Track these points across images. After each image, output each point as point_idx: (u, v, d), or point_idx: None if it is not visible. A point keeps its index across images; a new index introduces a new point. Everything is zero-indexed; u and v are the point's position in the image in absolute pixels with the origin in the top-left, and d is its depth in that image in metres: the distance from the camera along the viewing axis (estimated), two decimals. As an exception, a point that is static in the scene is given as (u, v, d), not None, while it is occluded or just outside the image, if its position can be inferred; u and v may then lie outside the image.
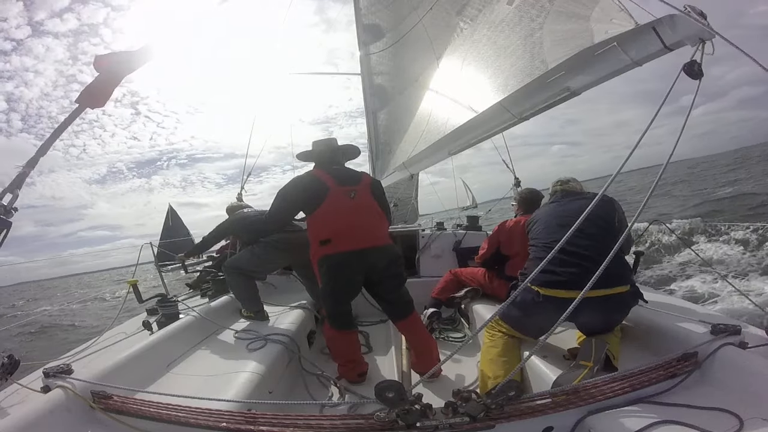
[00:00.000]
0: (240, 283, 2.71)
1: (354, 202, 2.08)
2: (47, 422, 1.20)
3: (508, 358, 1.70)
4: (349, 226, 2.02)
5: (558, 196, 2.04)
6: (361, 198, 2.12)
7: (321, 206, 2.04)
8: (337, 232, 2.01)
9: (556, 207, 1.95)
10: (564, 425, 1.11)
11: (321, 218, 2.05)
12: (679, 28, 1.22)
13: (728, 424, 1.00)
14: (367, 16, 4.64)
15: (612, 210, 1.76)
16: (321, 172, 2.16)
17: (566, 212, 1.81)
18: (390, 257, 2.13)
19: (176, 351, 2.04)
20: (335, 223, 2.02)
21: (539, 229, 1.88)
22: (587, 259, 1.53)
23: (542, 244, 1.79)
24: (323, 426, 1.11)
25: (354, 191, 2.11)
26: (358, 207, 2.09)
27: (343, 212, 2.04)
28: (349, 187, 2.11)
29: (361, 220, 2.07)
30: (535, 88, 1.84)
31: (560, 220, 1.79)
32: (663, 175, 1.16)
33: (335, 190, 2.06)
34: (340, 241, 2.00)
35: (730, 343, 1.24)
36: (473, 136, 2.54)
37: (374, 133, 4.78)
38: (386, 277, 2.13)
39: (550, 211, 1.94)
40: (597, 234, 1.60)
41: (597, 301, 1.45)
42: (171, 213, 16.58)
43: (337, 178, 2.11)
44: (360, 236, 2.02)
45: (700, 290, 5.60)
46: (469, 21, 2.67)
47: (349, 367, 2.13)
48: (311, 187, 2.09)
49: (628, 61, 1.44)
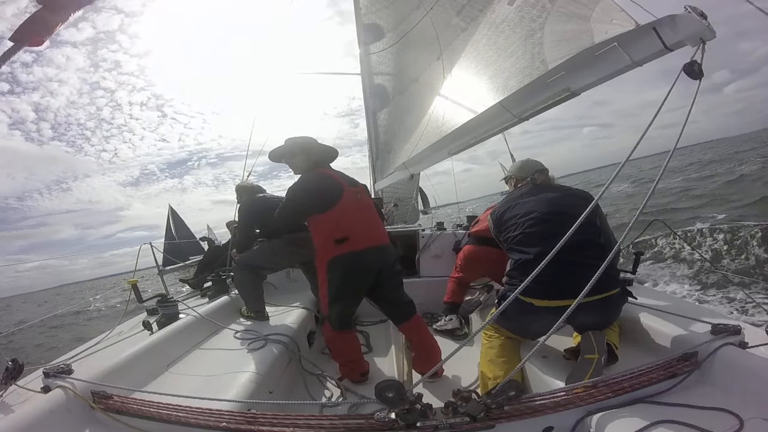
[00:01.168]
0: (250, 281, 2.68)
1: (360, 202, 2.15)
2: (47, 422, 1.21)
3: (508, 359, 1.70)
4: (362, 224, 2.08)
5: (528, 187, 1.93)
6: (364, 199, 2.19)
7: (336, 205, 2.04)
8: (354, 230, 2.03)
9: (534, 203, 1.79)
10: (564, 425, 1.11)
11: (336, 218, 2.04)
12: (680, 28, 1.22)
13: (728, 424, 1.00)
14: (367, 16, 4.64)
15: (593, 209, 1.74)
16: (333, 172, 2.20)
17: (550, 210, 1.72)
18: (394, 256, 2.20)
19: (176, 351, 2.04)
20: (351, 222, 2.04)
21: (520, 231, 1.74)
22: (579, 264, 1.49)
23: (528, 251, 1.67)
24: (323, 426, 1.11)
25: (358, 192, 2.18)
26: (364, 207, 2.15)
27: (356, 212, 2.10)
28: (354, 188, 2.18)
29: (369, 220, 2.14)
30: (535, 88, 1.84)
31: (543, 224, 1.68)
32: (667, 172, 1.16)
33: (348, 191, 2.11)
34: (356, 239, 2.02)
35: (730, 343, 1.24)
36: (473, 136, 2.54)
37: (374, 133, 4.79)
38: (390, 275, 2.14)
39: (528, 208, 1.79)
40: (585, 236, 1.54)
41: (591, 305, 1.45)
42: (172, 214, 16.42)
43: (345, 180, 2.17)
44: (372, 234, 2.09)
45: (701, 290, 5.60)
46: (470, 21, 2.67)
47: (350, 367, 2.14)
48: (327, 187, 2.09)
49: (629, 62, 1.44)
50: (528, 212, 1.76)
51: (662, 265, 6.92)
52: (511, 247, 1.77)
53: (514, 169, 2.21)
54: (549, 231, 1.61)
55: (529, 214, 1.75)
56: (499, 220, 1.87)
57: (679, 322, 1.52)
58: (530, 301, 1.57)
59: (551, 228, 1.61)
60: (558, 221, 1.61)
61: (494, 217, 1.92)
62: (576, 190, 1.91)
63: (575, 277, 1.34)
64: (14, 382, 1.34)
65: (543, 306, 1.55)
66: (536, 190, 1.90)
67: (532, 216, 1.73)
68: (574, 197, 1.83)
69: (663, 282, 6.28)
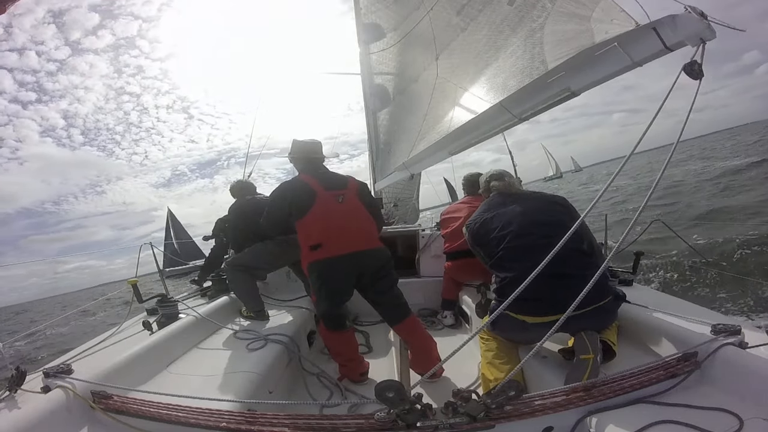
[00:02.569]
0: (243, 282, 2.70)
1: (342, 206, 2.11)
2: (47, 422, 1.21)
3: (507, 360, 1.69)
4: (338, 230, 2.04)
5: (498, 197, 1.84)
6: (349, 202, 2.14)
7: (310, 211, 2.05)
8: (327, 236, 2.02)
9: (510, 215, 1.72)
10: (564, 425, 1.11)
11: (310, 223, 2.06)
12: (680, 28, 1.22)
13: (728, 424, 1.00)
14: (367, 15, 4.63)
15: (570, 215, 1.69)
16: (308, 177, 2.19)
17: (531, 221, 1.66)
18: (381, 260, 2.13)
19: (176, 351, 2.04)
20: (325, 228, 2.04)
21: (501, 246, 1.67)
22: (567, 276, 1.46)
23: (513, 267, 1.61)
24: (323, 426, 1.11)
25: (342, 195, 2.14)
26: (346, 211, 2.11)
27: (332, 216, 2.06)
28: (337, 191, 2.14)
29: (350, 223, 2.09)
30: (535, 88, 1.84)
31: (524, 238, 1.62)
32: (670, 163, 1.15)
33: (323, 195, 2.09)
34: (330, 246, 2.01)
35: (730, 343, 1.23)
36: (474, 136, 2.54)
37: (374, 133, 4.79)
38: (377, 279, 2.12)
39: (505, 220, 1.72)
40: (569, 246, 1.44)
41: (584, 315, 1.45)
42: (171, 219, 16.35)
43: (325, 183, 2.14)
44: (350, 240, 2.04)
45: (701, 290, 5.60)
46: (470, 21, 2.67)
47: (349, 367, 2.14)
48: (299, 193, 2.11)
49: (629, 62, 1.43)
50: (505, 225, 1.70)
51: (662, 266, 6.92)
52: (494, 264, 1.72)
53: (480, 180, 2.16)
54: (531, 245, 1.58)
55: (507, 228, 1.69)
56: (477, 234, 1.81)
57: (679, 322, 1.52)
58: (523, 318, 1.56)
59: (534, 241, 1.59)
60: (539, 233, 1.59)
61: (470, 230, 1.85)
62: (549, 196, 1.87)
63: (565, 291, 1.31)
64: (18, 389, 1.34)
65: (536, 323, 1.54)
66: (508, 199, 1.81)
67: (511, 230, 1.68)
68: (551, 204, 1.79)
69: (663, 282, 6.27)
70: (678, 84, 1.11)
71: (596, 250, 1.70)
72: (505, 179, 1.91)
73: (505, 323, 1.62)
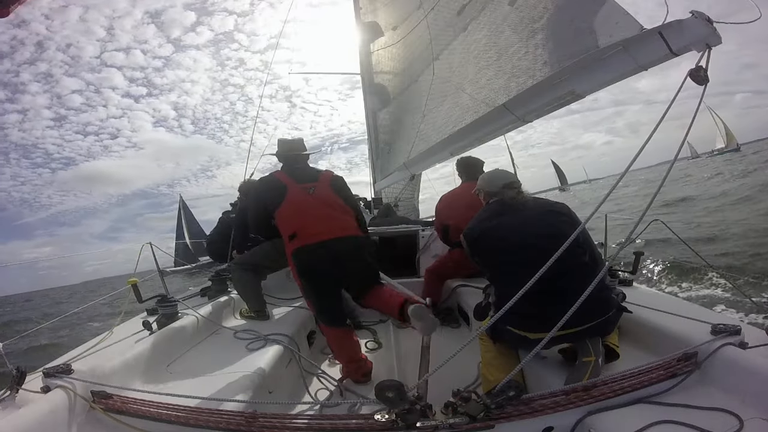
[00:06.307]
0: (248, 279, 2.73)
1: (313, 197, 2.18)
2: (47, 422, 1.20)
3: (506, 360, 1.69)
4: (311, 218, 2.12)
5: (499, 205, 1.74)
6: (320, 193, 2.21)
7: (282, 204, 2.15)
8: (301, 226, 2.10)
9: (510, 228, 1.64)
10: (564, 425, 1.11)
11: (285, 215, 2.16)
12: (686, 33, 1.22)
13: (728, 424, 1.00)
14: (367, 15, 4.63)
15: (573, 225, 1.57)
16: (281, 173, 2.29)
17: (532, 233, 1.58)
18: (355, 246, 2.15)
19: (176, 351, 2.04)
20: (298, 219, 2.13)
21: (501, 260, 1.62)
22: (569, 292, 1.35)
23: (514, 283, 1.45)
24: (323, 426, 1.11)
25: (313, 187, 2.21)
26: (317, 201, 2.17)
27: (304, 207, 2.15)
28: (308, 183, 2.22)
29: (321, 212, 2.15)
30: (538, 90, 1.84)
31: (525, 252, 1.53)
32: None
33: (294, 188, 2.18)
34: (304, 235, 2.09)
35: (730, 343, 1.23)
36: (475, 137, 2.54)
37: (374, 132, 4.79)
38: (350, 262, 2.11)
39: (505, 233, 1.64)
40: (570, 259, 1.36)
41: (588, 329, 1.45)
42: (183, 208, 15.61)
43: (296, 177, 2.23)
44: (321, 229, 2.10)
45: (701, 290, 5.60)
46: (470, 21, 2.67)
47: (352, 368, 2.14)
48: (270, 188, 2.23)
49: (634, 65, 1.44)
50: (505, 237, 1.62)
51: (662, 265, 6.92)
52: (493, 276, 1.68)
53: (482, 183, 1.93)
54: (533, 259, 1.41)
55: (507, 239, 1.61)
56: (475, 244, 1.72)
57: (679, 322, 1.52)
58: (525, 334, 1.53)
59: (536, 256, 1.40)
60: (539, 246, 1.47)
61: (469, 241, 1.75)
62: (550, 204, 1.75)
63: (568, 308, 1.23)
64: (19, 389, 1.34)
65: (538, 338, 1.44)
66: (509, 209, 1.71)
67: (512, 242, 1.59)
68: (553, 214, 1.67)
69: (663, 282, 6.28)
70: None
71: (598, 260, 1.64)
72: (516, 187, 1.77)
73: (506, 337, 1.61)
